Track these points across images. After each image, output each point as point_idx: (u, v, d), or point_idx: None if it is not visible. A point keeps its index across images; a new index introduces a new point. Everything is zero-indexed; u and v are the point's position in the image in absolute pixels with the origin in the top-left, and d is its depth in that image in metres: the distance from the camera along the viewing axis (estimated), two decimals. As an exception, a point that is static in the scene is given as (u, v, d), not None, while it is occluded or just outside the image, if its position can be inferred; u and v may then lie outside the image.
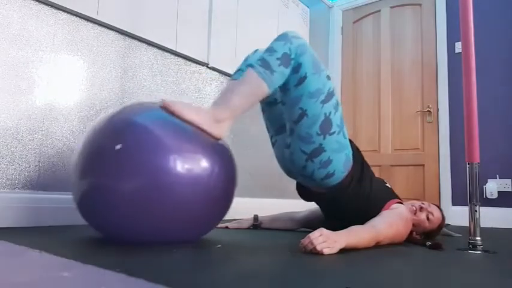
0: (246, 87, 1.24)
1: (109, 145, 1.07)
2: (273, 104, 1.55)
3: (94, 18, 1.81)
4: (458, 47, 3.13)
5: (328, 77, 1.34)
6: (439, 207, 1.68)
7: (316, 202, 1.60)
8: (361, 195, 1.45)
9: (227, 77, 2.59)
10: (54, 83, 1.67)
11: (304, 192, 1.56)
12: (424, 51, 3.34)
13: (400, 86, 3.43)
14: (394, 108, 3.43)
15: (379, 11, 3.64)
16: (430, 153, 3.20)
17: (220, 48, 2.50)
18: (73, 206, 1.17)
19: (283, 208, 2.12)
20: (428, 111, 3.23)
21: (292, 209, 1.97)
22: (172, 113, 1.11)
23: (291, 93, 1.32)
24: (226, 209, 1.26)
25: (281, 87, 1.32)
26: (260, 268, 0.87)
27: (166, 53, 2.19)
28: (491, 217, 2.69)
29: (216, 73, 2.52)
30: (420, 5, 3.42)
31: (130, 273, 0.70)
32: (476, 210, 1.38)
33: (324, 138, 1.33)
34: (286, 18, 3.17)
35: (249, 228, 1.86)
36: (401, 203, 1.53)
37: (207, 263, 0.89)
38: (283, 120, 1.49)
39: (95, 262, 0.79)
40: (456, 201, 3.00)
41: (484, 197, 2.83)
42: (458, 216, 2.82)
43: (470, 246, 1.37)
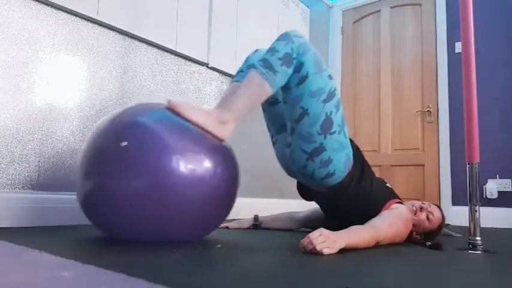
0: (249, 89, 1.24)
1: (112, 146, 1.07)
2: (274, 103, 1.55)
3: (94, 18, 1.81)
4: (458, 47, 3.13)
5: (330, 76, 1.34)
6: (439, 207, 1.69)
7: (316, 202, 1.60)
8: (362, 195, 1.45)
9: (227, 77, 2.59)
10: (54, 83, 1.67)
11: (304, 192, 1.56)
12: (424, 51, 3.34)
13: (400, 86, 3.43)
14: (394, 108, 3.43)
15: (379, 11, 3.64)
16: (430, 153, 3.20)
17: (220, 48, 2.50)
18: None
19: (284, 208, 2.12)
20: (428, 111, 3.23)
21: (293, 209, 1.98)
22: (178, 114, 1.13)
23: (292, 92, 1.32)
24: (229, 209, 1.27)
25: (282, 87, 1.32)
26: (260, 268, 0.87)
27: (166, 53, 2.19)
28: (491, 217, 2.69)
29: (216, 73, 2.52)
30: (420, 5, 3.42)
31: (130, 273, 0.70)
32: (476, 210, 1.38)
33: (324, 138, 1.33)
34: (286, 18, 3.17)
35: (249, 228, 1.86)
36: (401, 203, 1.53)
37: (207, 263, 0.89)
38: (284, 119, 1.49)
39: (95, 262, 0.79)
40: (456, 201, 3.00)
41: (484, 197, 2.83)
42: (458, 216, 2.82)
43: (470, 246, 1.37)
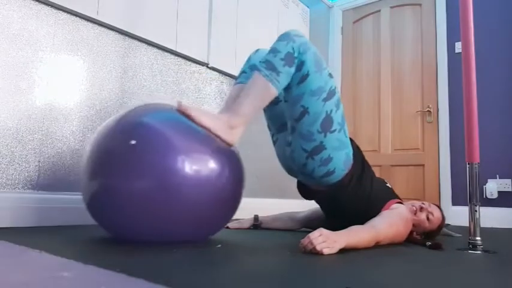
0: (255, 92, 1.25)
1: (118, 146, 1.08)
2: (274, 102, 1.55)
3: (94, 18, 1.81)
4: (458, 47, 3.13)
5: (330, 75, 1.35)
6: (439, 207, 1.69)
7: (316, 201, 1.60)
8: (362, 195, 1.46)
9: (227, 77, 2.59)
10: (54, 83, 1.67)
11: (304, 191, 1.56)
12: (424, 51, 3.34)
13: (400, 86, 3.43)
14: (394, 108, 3.43)
15: (379, 11, 3.64)
16: (430, 153, 3.20)
17: (220, 48, 2.50)
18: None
19: (284, 208, 2.12)
20: (428, 111, 3.23)
21: (293, 209, 1.98)
22: (188, 117, 1.13)
23: (292, 91, 1.32)
24: (234, 210, 1.27)
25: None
26: (260, 268, 0.87)
27: (166, 53, 2.19)
28: (491, 217, 2.69)
29: (216, 73, 2.52)
30: (420, 5, 3.42)
31: (130, 273, 0.70)
32: (476, 210, 1.38)
33: (324, 136, 1.33)
34: (286, 18, 3.17)
35: (249, 228, 1.86)
36: (401, 203, 1.53)
37: (207, 263, 0.89)
38: (284, 118, 1.49)
39: (95, 262, 0.79)
40: (456, 201, 3.00)
41: (484, 197, 2.83)
42: (458, 216, 2.82)
43: (470, 246, 1.37)
